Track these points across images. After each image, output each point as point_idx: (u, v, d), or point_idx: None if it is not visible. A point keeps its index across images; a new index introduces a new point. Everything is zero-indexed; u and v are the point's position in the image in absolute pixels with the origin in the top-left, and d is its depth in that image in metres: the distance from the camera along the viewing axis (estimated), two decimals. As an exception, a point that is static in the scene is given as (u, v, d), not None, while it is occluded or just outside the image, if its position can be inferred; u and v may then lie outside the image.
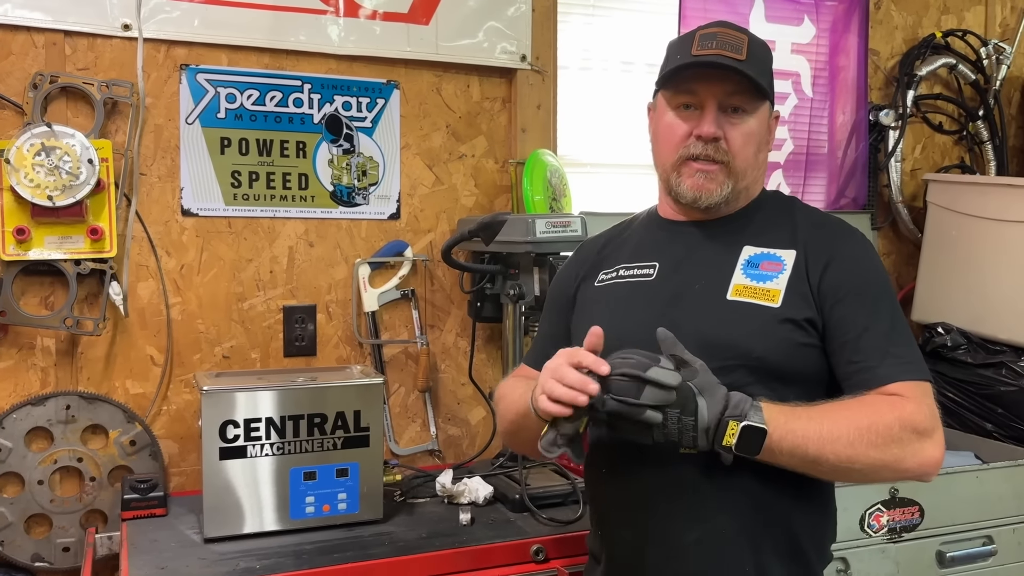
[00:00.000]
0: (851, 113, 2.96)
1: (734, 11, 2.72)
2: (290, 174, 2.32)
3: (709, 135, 1.42)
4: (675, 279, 1.47)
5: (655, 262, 1.50)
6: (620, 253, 1.57)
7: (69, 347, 2.14)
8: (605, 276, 1.55)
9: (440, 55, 2.43)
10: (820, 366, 1.41)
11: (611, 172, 2.78)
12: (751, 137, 1.45)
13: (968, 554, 2.21)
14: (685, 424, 1.24)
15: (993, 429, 2.54)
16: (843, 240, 1.46)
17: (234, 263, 2.28)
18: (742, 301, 1.40)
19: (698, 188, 1.44)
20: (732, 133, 1.43)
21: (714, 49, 1.41)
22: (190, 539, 1.88)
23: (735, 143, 1.43)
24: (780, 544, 1.39)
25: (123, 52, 2.16)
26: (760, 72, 1.43)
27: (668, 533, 1.39)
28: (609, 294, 1.52)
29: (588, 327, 1.50)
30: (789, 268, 1.42)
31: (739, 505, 1.36)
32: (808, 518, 1.44)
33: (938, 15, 3.12)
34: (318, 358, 2.36)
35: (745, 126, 1.44)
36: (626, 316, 1.47)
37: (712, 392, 1.27)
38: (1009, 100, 3.23)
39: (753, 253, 1.45)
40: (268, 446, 1.89)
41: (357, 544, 1.84)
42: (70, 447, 2.11)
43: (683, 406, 1.24)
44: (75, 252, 2.09)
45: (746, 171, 1.46)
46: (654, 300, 1.46)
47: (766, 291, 1.40)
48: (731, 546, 1.37)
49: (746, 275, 1.43)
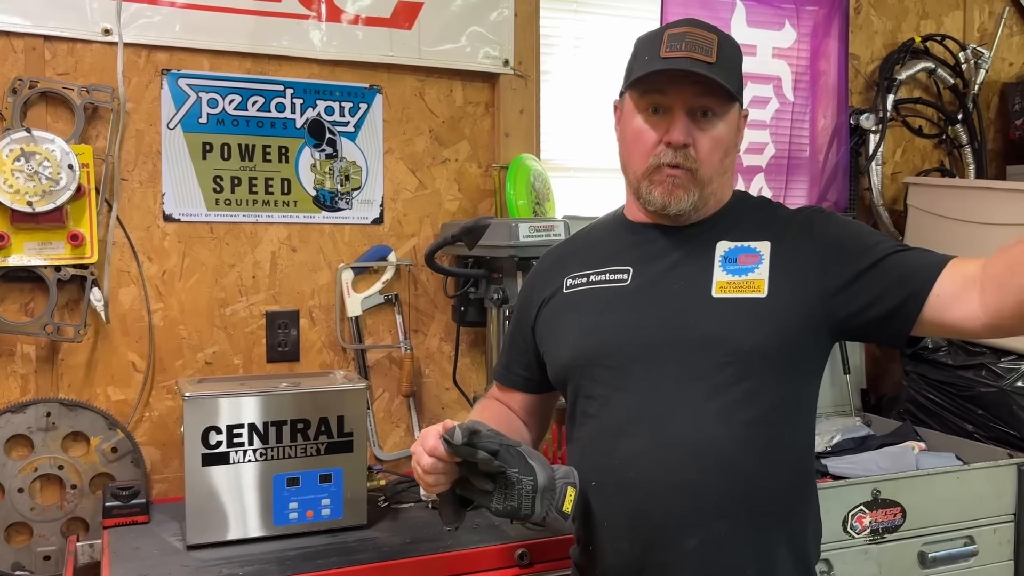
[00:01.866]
0: (832, 117, 2.98)
1: (715, 15, 2.74)
2: (272, 179, 2.32)
3: (679, 143, 1.40)
4: (651, 282, 1.45)
5: (628, 267, 1.48)
6: (588, 258, 1.54)
7: (49, 354, 2.13)
8: (574, 282, 1.53)
9: (423, 60, 2.43)
10: (812, 357, 1.42)
11: (594, 176, 2.79)
12: (719, 143, 1.43)
13: (950, 554, 2.23)
14: (523, 486, 1.26)
15: (974, 430, 2.56)
16: (817, 217, 1.46)
17: (216, 268, 2.27)
18: (729, 297, 1.39)
19: (668, 195, 1.42)
20: (701, 140, 1.41)
21: (683, 51, 1.37)
22: (173, 546, 1.86)
23: (702, 150, 1.41)
24: (779, 545, 1.39)
25: (103, 57, 2.15)
26: (730, 74, 1.41)
27: (667, 541, 1.38)
28: (582, 300, 1.50)
29: (562, 334, 1.51)
30: (767, 258, 1.41)
31: (736, 509, 1.36)
32: (803, 518, 1.44)
33: (917, 20, 3.15)
34: (301, 363, 2.35)
35: (714, 131, 1.42)
36: (604, 321, 1.46)
37: (539, 459, 1.30)
38: (987, 104, 3.26)
39: (728, 248, 1.44)
40: (251, 452, 1.88)
41: (341, 550, 1.84)
42: (51, 454, 2.10)
43: (520, 468, 1.27)
44: (55, 258, 2.08)
45: (712, 177, 1.44)
46: (631, 304, 1.44)
47: (750, 283, 1.40)
48: (729, 550, 1.37)
49: (726, 271, 1.42)
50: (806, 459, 1.47)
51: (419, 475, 1.31)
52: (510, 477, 1.26)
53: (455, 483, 1.32)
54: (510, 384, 1.64)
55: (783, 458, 1.40)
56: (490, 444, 1.26)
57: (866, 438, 2.59)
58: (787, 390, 1.40)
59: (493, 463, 1.25)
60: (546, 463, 1.31)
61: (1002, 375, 2.52)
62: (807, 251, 1.41)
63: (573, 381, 1.49)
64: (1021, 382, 2.48)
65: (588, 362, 1.46)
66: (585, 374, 1.46)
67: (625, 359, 1.42)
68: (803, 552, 1.43)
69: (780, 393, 1.39)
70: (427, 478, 1.30)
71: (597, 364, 1.44)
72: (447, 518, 1.35)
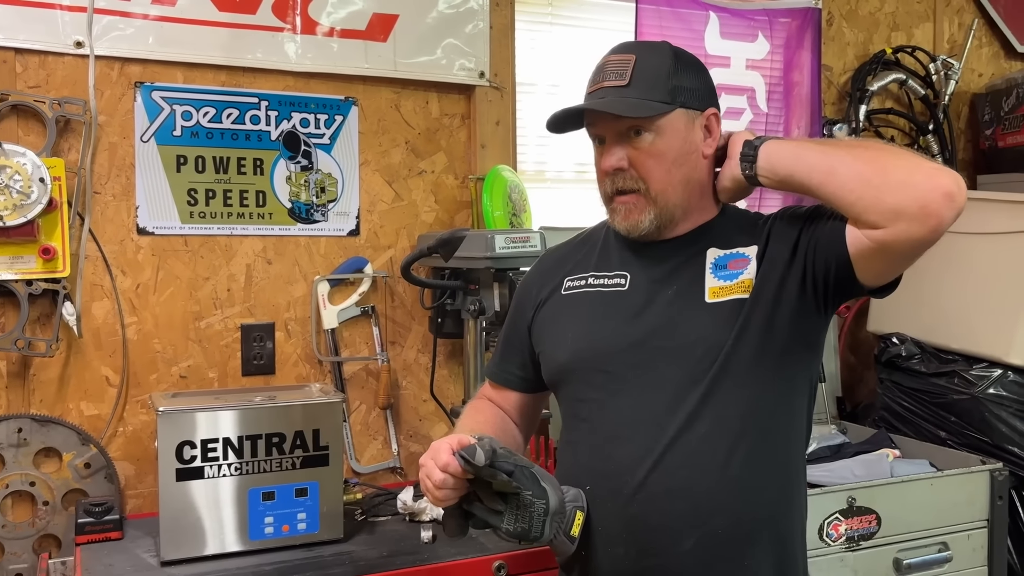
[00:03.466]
0: (806, 128, 3.00)
1: (689, 28, 2.76)
2: (247, 191, 2.31)
3: (609, 168, 1.44)
4: (647, 288, 1.47)
5: (625, 272, 1.50)
6: (587, 261, 1.56)
7: (21, 369, 2.10)
8: (572, 284, 1.55)
9: (399, 72, 2.44)
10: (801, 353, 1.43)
11: (571, 187, 2.80)
12: (659, 156, 1.43)
13: (924, 560, 2.24)
14: (536, 509, 1.28)
15: (947, 437, 2.58)
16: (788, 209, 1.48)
17: (191, 281, 2.26)
18: (721, 301, 1.41)
19: (626, 220, 1.45)
20: (637, 158, 1.43)
21: (600, 82, 1.45)
22: (146, 563, 1.85)
23: (642, 167, 1.43)
24: (771, 544, 1.41)
25: (75, 70, 2.13)
26: (648, 88, 1.41)
27: (663, 545, 1.38)
28: (579, 303, 1.52)
29: (559, 336, 1.53)
30: (754, 259, 1.43)
31: (730, 509, 1.37)
32: (792, 516, 1.46)
33: (888, 32, 3.19)
34: (277, 377, 2.34)
35: (650, 147, 1.42)
36: (601, 325, 1.47)
37: (550, 481, 1.32)
38: (958, 115, 3.31)
39: (718, 255, 1.45)
40: (226, 467, 1.86)
41: (317, 564, 1.83)
42: (22, 471, 2.07)
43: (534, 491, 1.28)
44: (27, 272, 2.06)
45: (666, 191, 1.44)
46: (628, 308, 1.46)
47: (739, 284, 1.41)
48: (724, 553, 1.38)
49: (717, 277, 1.43)
50: (797, 461, 1.48)
51: (428, 488, 1.31)
52: (523, 499, 1.27)
53: (463, 498, 1.31)
54: (504, 383, 1.65)
55: (775, 460, 1.42)
56: (506, 464, 1.26)
57: (841, 446, 2.60)
58: (779, 395, 1.42)
59: (511, 484, 1.25)
60: (557, 485, 1.33)
61: (974, 382, 2.54)
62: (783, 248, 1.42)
63: (568, 384, 1.51)
64: (993, 389, 2.51)
65: (584, 366, 1.47)
66: (580, 378, 1.48)
67: (620, 364, 1.43)
68: (792, 551, 1.45)
69: (773, 398, 1.41)
70: (437, 492, 1.30)
71: (593, 368, 1.46)
72: (452, 531, 1.35)
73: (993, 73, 3.36)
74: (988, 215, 2.62)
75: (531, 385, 1.63)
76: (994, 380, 2.51)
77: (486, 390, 1.68)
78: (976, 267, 2.62)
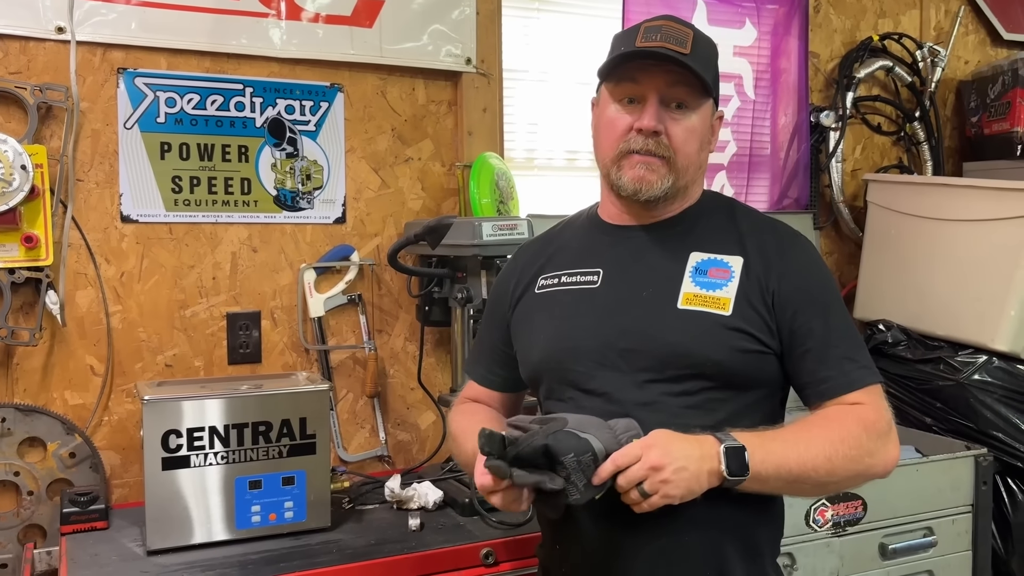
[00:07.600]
0: (793, 115, 3.01)
1: (676, 13, 2.66)
2: (232, 179, 2.29)
3: (650, 128, 1.39)
4: (620, 286, 1.46)
5: (598, 268, 1.48)
6: (560, 258, 1.55)
7: (4, 358, 2.08)
8: (545, 282, 1.53)
9: (384, 58, 2.42)
10: (774, 372, 1.43)
11: (558, 174, 2.79)
12: (693, 133, 1.43)
13: (909, 545, 2.26)
14: (585, 463, 1.24)
15: (932, 423, 2.60)
16: (792, 248, 1.46)
17: (176, 270, 2.24)
18: (693, 310, 1.40)
19: (639, 180, 1.42)
20: (674, 128, 1.41)
21: (658, 41, 1.38)
22: (132, 552, 1.84)
23: (677, 138, 1.41)
24: (739, 550, 1.41)
25: (57, 55, 2.11)
26: (704, 67, 1.41)
27: (633, 541, 1.38)
28: (552, 301, 1.51)
29: (533, 335, 1.52)
30: (737, 275, 1.42)
31: (700, 514, 1.35)
32: (765, 521, 1.46)
33: (875, 19, 3.19)
34: (263, 365, 2.33)
35: (687, 122, 1.42)
36: (572, 325, 1.46)
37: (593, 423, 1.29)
38: (944, 102, 3.31)
39: (700, 259, 1.44)
40: (212, 455, 1.85)
41: (304, 553, 1.82)
42: (6, 461, 2.06)
43: (575, 449, 1.25)
44: (9, 261, 2.04)
45: (688, 168, 1.44)
46: (600, 308, 1.45)
47: (716, 299, 1.40)
48: (694, 553, 1.38)
49: (695, 283, 1.42)
50: None
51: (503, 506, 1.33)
52: (568, 464, 1.24)
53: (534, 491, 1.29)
54: (489, 384, 1.65)
55: None
56: (533, 442, 1.24)
57: (828, 432, 2.61)
58: (750, 400, 1.42)
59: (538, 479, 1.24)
60: (600, 424, 1.29)
61: (959, 368, 2.56)
62: (773, 281, 1.41)
63: (543, 383, 1.52)
64: (978, 375, 2.52)
65: (557, 365, 1.47)
66: (554, 376, 1.48)
67: (591, 364, 1.43)
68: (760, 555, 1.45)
69: (743, 402, 1.41)
70: (511, 507, 1.32)
71: (565, 367, 1.46)
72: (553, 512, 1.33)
73: (979, 60, 3.36)
74: (974, 202, 2.64)
75: (515, 384, 1.63)
76: (979, 366, 2.53)
77: (470, 391, 1.68)
78: (962, 254, 2.63)
